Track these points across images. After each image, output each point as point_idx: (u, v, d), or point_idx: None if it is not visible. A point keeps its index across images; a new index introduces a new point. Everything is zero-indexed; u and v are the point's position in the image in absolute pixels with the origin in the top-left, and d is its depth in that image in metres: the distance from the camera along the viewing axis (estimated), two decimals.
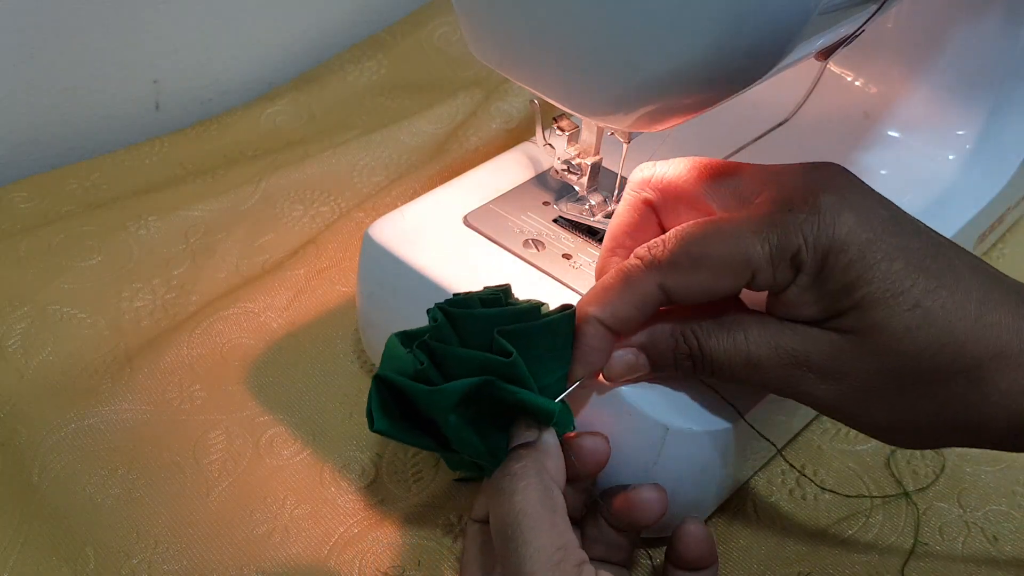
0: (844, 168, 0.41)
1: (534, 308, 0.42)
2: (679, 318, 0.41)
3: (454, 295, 0.43)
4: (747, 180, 0.42)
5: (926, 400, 0.38)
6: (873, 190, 0.40)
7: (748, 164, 0.43)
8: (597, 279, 0.43)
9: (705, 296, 0.40)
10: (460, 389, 0.39)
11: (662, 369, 0.42)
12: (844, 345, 0.38)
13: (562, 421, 0.41)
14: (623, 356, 0.42)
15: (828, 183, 0.39)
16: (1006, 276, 0.40)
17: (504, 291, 0.43)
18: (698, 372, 0.42)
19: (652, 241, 0.41)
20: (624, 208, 0.44)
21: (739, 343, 0.40)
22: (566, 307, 0.42)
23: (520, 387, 0.40)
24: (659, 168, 0.44)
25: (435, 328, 0.41)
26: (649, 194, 0.44)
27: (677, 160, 0.44)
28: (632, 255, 0.41)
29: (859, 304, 0.38)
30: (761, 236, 0.38)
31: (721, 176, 0.42)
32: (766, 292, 0.41)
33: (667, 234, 0.41)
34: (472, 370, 0.40)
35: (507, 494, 0.38)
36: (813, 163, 0.41)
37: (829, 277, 0.38)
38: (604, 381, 0.43)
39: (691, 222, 0.41)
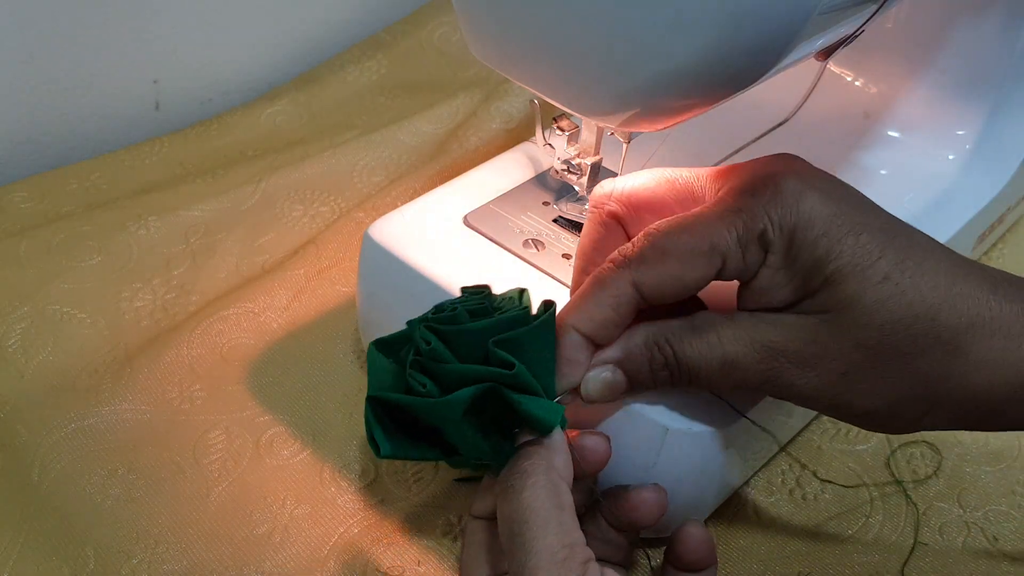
0: (801, 158, 0.41)
1: (522, 312, 0.41)
2: (652, 329, 0.41)
3: (435, 308, 0.42)
4: (708, 180, 0.42)
5: (907, 376, 0.38)
6: (832, 175, 0.41)
7: (708, 168, 0.43)
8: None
9: (678, 289, 0.40)
10: (466, 397, 0.39)
11: (640, 385, 0.42)
12: (819, 327, 0.38)
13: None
14: (599, 374, 0.41)
15: (787, 169, 0.40)
16: (965, 256, 0.40)
17: (486, 296, 0.43)
18: (676, 382, 0.41)
19: (624, 245, 0.41)
20: (590, 225, 0.44)
21: (713, 344, 0.40)
22: (548, 304, 0.42)
23: (527, 394, 0.40)
24: (619, 182, 0.44)
25: (429, 350, 0.40)
26: (613, 206, 0.44)
27: (637, 173, 0.44)
28: (606, 261, 0.41)
29: (830, 279, 0.38)
30: (727, 221, 0.39)
31: (682, 181, 0.43)
32: (736, 293, 0.41)
33: (637, 235, 0.41)
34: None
35: (515, 491, 0.38)
36: (771, 155, 0.42)
37: (799, 254, 0.38)
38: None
39: (659, 220, 0.41)
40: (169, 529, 0.48)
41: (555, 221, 0.53)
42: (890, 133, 0.61)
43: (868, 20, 0.43)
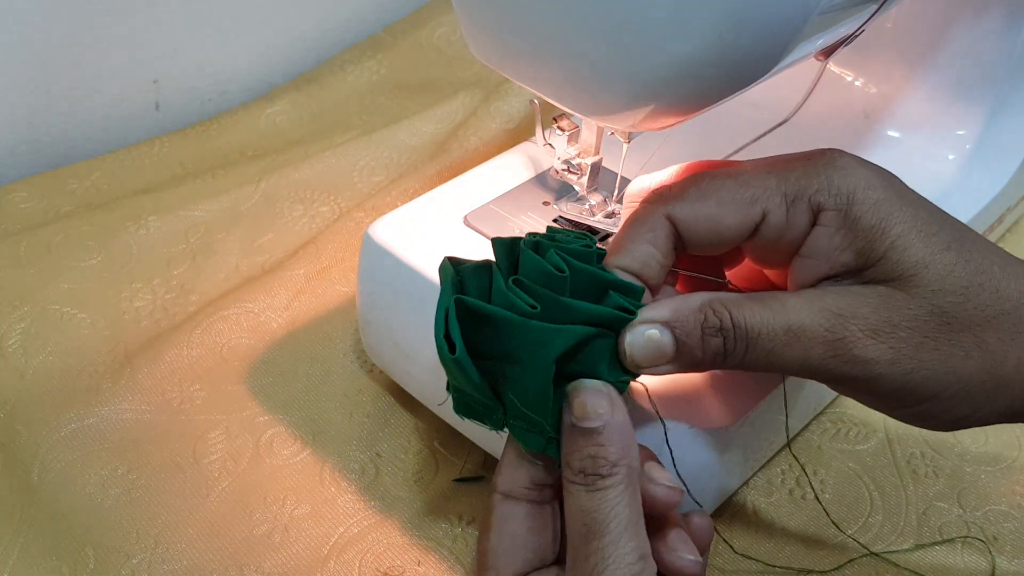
0: None
1: (639, 287, 0.38)
2: (708, 295, 0.38)
3: (551, 234, 0.39)
4: (751, 169, 0.40)
5: (977, 350, 0.37)
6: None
7: (749, 160, 0.41)
8: None
9: (714, 235, 0.38)
10: (579, 334, 0.36)
11: (689, 354, 0.38)
12: (892, 292, 0.37)
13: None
14: (645, 331, 0.37)
15: (838, 154, 0.39)
16: None
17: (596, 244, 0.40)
18: (729, 353, 0.37)
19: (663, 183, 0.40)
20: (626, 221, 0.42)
21: (776, 310, 0.37)
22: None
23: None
24: (656, 176, 0.42)
25: (548, 275, 0.37)
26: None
27: (672, 168, 0.42)
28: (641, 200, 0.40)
29: (896, 244, 0.37)
30: (775, 174, 0.38)
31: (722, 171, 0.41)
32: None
33: (679, 173, 0.40)
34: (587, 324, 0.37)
35: (599, 488, 0.36)
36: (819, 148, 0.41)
37: (861, 216, 0.37)
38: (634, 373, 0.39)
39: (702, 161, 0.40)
40: (169, 529, 0.48)
41: (555, 221, 0.52)
42: (890, 133, 0.61)
43: (868, 20, 0.43)
